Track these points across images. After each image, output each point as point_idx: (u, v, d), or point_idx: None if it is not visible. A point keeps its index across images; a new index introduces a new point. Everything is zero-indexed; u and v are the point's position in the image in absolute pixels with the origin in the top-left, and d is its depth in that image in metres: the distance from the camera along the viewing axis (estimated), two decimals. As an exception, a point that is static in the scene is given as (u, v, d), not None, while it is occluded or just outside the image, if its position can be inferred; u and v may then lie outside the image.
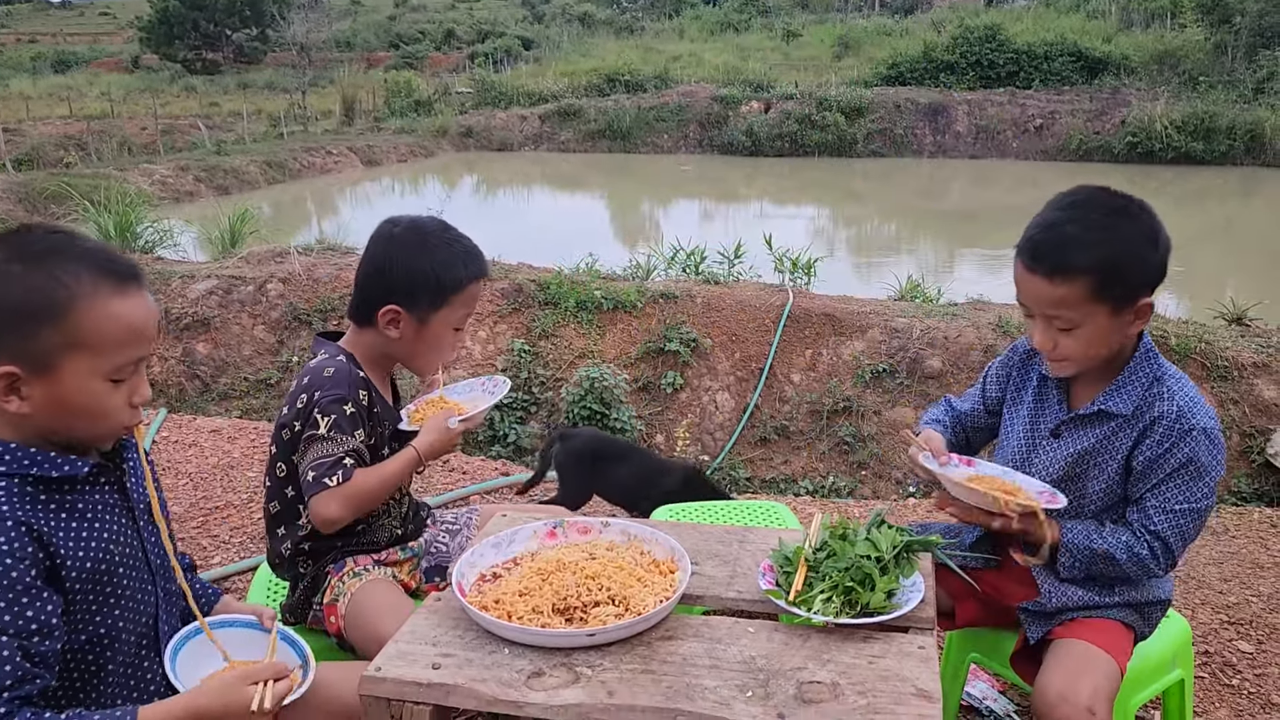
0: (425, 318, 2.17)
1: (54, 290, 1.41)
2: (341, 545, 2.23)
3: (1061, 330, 1.90)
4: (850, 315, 7.87)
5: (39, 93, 34.99)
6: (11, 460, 1.43)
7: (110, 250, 1.52)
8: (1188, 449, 1.90)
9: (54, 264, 1.42)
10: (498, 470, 4.62)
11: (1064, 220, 1.87)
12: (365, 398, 2.15)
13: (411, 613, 1.84)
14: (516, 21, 51.57)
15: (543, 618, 1.67)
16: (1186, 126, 22.84)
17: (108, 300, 1.45)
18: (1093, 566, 1.96)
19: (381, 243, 2.19)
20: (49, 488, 1.47)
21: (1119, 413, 1.96)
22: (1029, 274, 1.89)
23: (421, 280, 2.14)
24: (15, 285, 1.40)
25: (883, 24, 38.47)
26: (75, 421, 1.48)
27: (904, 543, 1.81)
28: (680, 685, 1.56)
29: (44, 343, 1.41)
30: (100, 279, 1.45)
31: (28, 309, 1.40)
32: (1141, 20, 32.29)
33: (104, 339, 1.45)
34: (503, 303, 8.29)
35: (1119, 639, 1.99)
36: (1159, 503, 1.93)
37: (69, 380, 1.44)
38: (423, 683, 1.57)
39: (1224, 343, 6.99)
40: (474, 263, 2.21)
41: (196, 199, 19.32)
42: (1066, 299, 1.85)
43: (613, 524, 2.00)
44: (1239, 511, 4.19)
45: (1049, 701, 1.84)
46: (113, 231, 11.00)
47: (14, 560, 1.36)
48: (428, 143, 27.71)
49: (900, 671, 1.59)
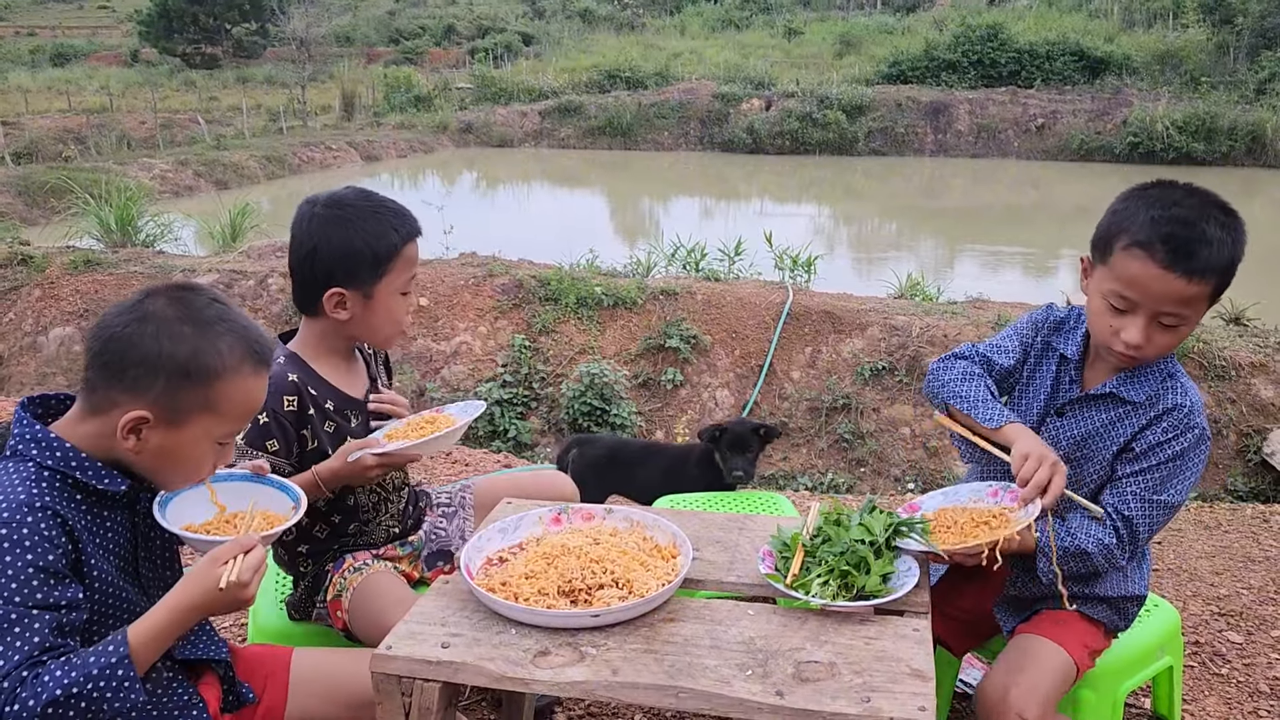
0: (369, 292, 2.12)
1: (212, 358, 1.57)
2: (338, 548, 2.26)
3: (1164, 326, 1.87)
4: (850, 313, 7.92)
5: (38, 86, 34.95)
6: (62, 459, 1.54)
7: (259, 330, 1.66)
8: (1185, 445, 1.94)
9: (218, 333, 1.59)
10: (499, 462, 4.67)
11: (1198, 219, 1.82)
12: (293, 403, 2.10)
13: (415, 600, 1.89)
14: (517, 17, 51.51)
15: (548, 599, 1.72)
16: (1188, 127, 22.86)
17: (247, 377, 1.62)
18: (1065, 565, 1.96)
19: (305, 224, 2.13)
20: (86, 495, 1.57)
21: (1132, 399, 1.98)
22: (1163, 272, 1.80)
23: (356, 256, 2.08)
24: (183, 345, 1.56)
25: (884, 22, 38.45)
26: (171, 470, 1.63)
27: (894, 525, 1.86)
28: (682, 664, 1.60)
29: (185, 400, 1.57)
30: (247, 356, 1.62)
31: (186, 368, 1.55)
32: (1143, 20, 32.32)
33: (233, 409, 1.62)
34: (503, 299, 8.33)
35: (1082, 634, 2.01)
36: (1139, 489, 1.95)
37: (188, 435, 1.60)
38: (432, 660, 1.62)
39: (1222, 342, 7.05)
40: (404, 224, 2.15)
41: (196, 194, 19.36)
42: (1193, 299, 1.83)
43: (616, 510, 2.05)
44: (1232, 508, 4.24)
45: (993, 699, 1.87)
46: (113, 225, 11.04)
47: (50, 546, 1.46)
48: (427, 138, 27.72)
49: (895, 653, 1.64)
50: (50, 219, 15.95)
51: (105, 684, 1.40)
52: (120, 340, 1.54)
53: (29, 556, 1.43)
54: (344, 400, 2.21)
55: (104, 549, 1.58)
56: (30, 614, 1.41)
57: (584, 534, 1.95)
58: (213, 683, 1.76)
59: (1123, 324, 1.89)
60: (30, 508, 1.46)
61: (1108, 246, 1.90)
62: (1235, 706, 2.59)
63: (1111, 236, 1.90)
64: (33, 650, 1.39)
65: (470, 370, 7.93)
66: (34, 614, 1.41)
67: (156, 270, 8.98)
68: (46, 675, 1.38)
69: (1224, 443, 6.69)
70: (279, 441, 2.07)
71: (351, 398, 2.23)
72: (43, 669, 1.38)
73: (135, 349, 1.53)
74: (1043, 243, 16.05)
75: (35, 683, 1.37)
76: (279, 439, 2.07)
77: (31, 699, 1.36)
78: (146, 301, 1.57)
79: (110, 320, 1.56)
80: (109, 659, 1.42)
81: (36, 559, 1.43)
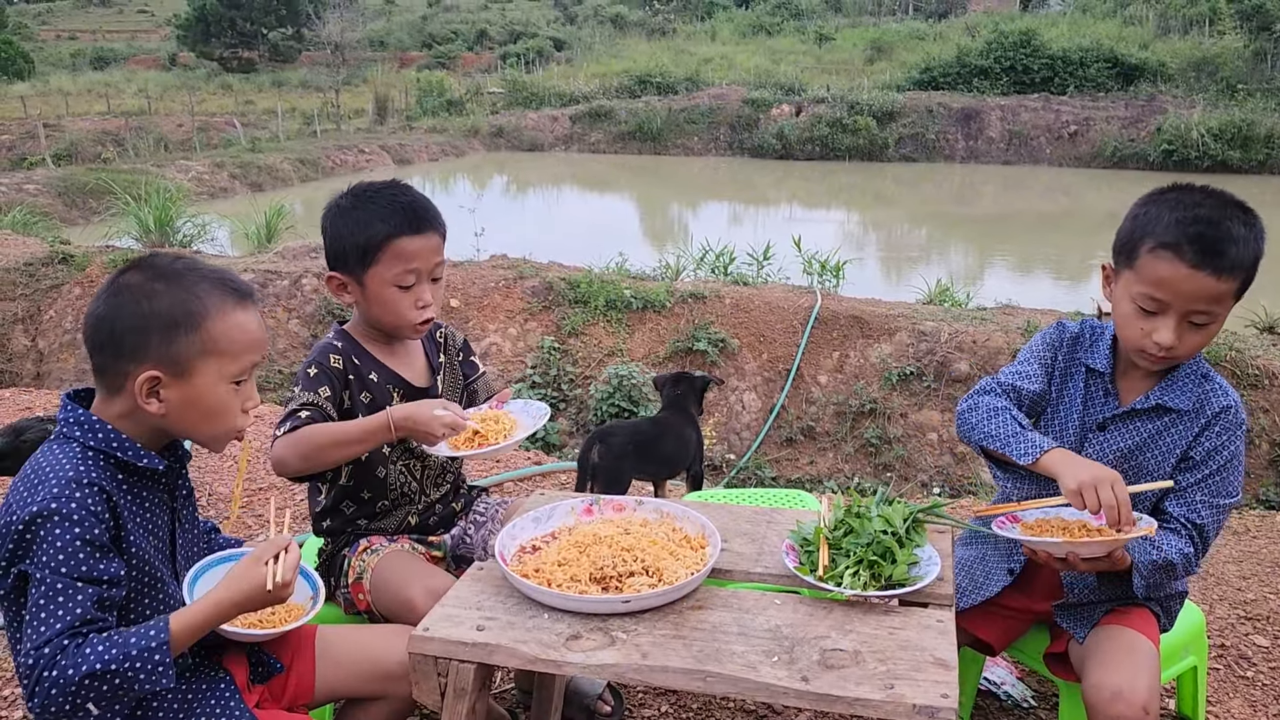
0: (361, 280, 2.16)
1: (191, 303, 1.64)
2: (351, 530, 2.31)
3: (1194, 326, 1.89)
4: (878, 318, 7.92)
5: (78, 89, 35.57)
6: (104, 439, 1.62)
7: (229, 271, 1.74)
8: (1238, 443, 1.98)
9: (189, 281, 1.66)
10: (529, 459, 4.73)
11: (1222, 217, 1.85)
12: (340, 361, 2.18)
13: (433, 576, 1.96)
14: (548, 22, 51.81)
15: (580, 585, 1.77)
16: (1224, 134, 22.65)
17: (233, 312, 1.68)
18: (1155, 577, 1.95)
19: (325, 214, 2.22)
20: (127, 473, 1.64)
21: (1178, 408, 1.99)
22: (1192, 270, 1.83)
23: (345, 243, 2.15)
24: (160, 300, 1.62)
25: (916, 28, 38.34)
26: (201, 421, 1.69)
27: (913, 513, 1.91)
28: (710, 650, 1.65)
29: (183, 349, 1.63)
30: (225, 294, 1.68)
31: (171, 319, 1.62)
32: (1179, 27, 32.01)
33: (232, 344, 1.67)
34: (532, 300, 8.41)
35: (1153, 628, 2.04)
36: (1205, 496, 1.97)
37: (201, 382, 1.65)
38: (468, 642, 1.68)
39: (1254, 351, 6.99)
40: (394, 218, 2.14)
41: (231, 195, 19.65)
42: (1222, 295, 1.85)
43: (646, 502, 2.10)
44: (1261, 515, 4.22)
45: (1104, 699, 1.85)
46: (152, 225, 11.25)
47: (95, 520, 1.53)
48: (459, 142, 27.96)
49: (919, 642, 1.67)
50: (89, 219, 16.26)
51: (142, 665, 1.47)
52: (105, 318, 1.62)
53: (77, 530, 1.50)
54: (389, 375, 2.26)
55: (143, 528, 1.65)
56: (75, 585, 1.48)
57: (615, 524, 2.00)
58: (239, 658, 1.82)
59: (1154, 325, 1.90)
60: (78, 483, 1.53)
61: (1133, 251, 1.92)
62: (1260, 709, 2.60)
63: (1136, 241, 1.92)
64: (74, 621, 1.46)
65: (500, 371, 8.00)
66: (78, 585, 1.48)
67: (193, 270, 9.14)
68: (88, 648, 1.45)
69: (1256, 452, 6.63)
70: (330, 389, 2.14)
71: (397, 374, 2.28)
72: (84, 640, 1.45)
73: (120, 319, 1.61)
74: (1074, 250, 15.96)
75: (76, 653, 1.44)
76: (329, 386, 2.14)
77: (71, 668, 1.43)
78: (117, 278, 1.65)
79: (93, 308, 1.64)
80: (149, 642, 1.48)
81: (84, 532, 1.50)
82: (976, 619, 2.19)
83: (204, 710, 1.68)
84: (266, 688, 1.84)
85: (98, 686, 1.44)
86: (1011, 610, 2.22)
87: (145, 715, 1.64)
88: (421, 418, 2.02)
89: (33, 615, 1.46)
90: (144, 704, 1.64)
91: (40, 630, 1.45)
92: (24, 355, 8.95)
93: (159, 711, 1.65)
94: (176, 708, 1.67)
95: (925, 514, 1.95)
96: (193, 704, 1.68)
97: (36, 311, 9.10)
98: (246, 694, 1.76)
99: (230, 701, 1.70)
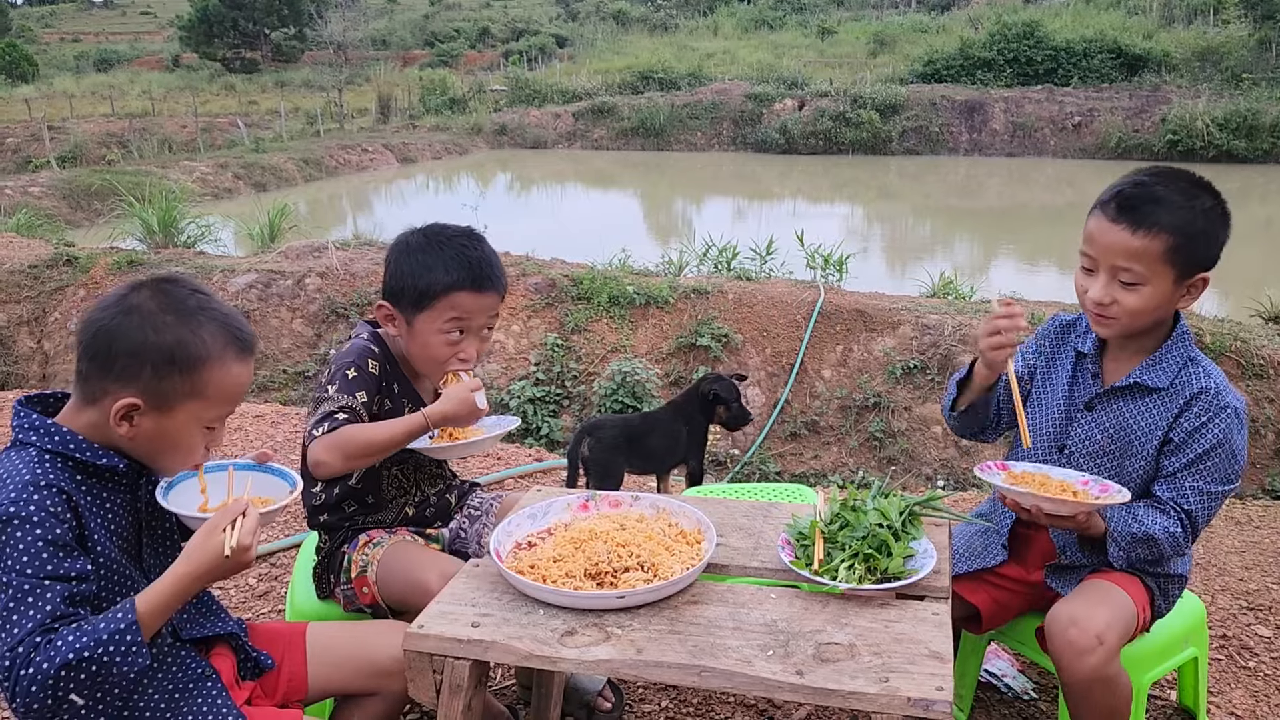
0: (410, 320, 2.18)
1: (195, 345, 1.64)
2: (349, 525, 2.31)
3: (1124, 285, 1.97)
4: (882, 312, 7.90)
5: (82, 91, 35.69)
6: (62, 442, 1.62)
7: (239, 319, 1.73)
8: (1222, 426, 1.98)
9: (198, 322, 1.66)
10: (531, 456, 4.74)
11: (1153, 182, 1.97)
12: (376, 368, 2.18)
13: (443, 560, 1.96)
14: (551, 19, 51.82)
15: (575, 581, 1.77)
16: (1229, 124, 22.57)
17: (231, 363, 1.68)
18: (1134, 550, 2.02)
19: (393, 246, 2.25)
20: (87, 474, 1.64)
21: (1155, 386, 2.04)
22: (1111, 225, 1.96)
23: (405, 282, 2.17)
24: (166, 334, 1.62)
25: (919, 21, 38.27)
26: (163, 453, 1.69)
27: (908, 506, 1.92)
28: (705, 644, 1.65)
29: (172, 386, 1.63)
30: (229, 343, 1.68)
31: (170, 356, 1.62)
32: (1183, 16, 31.89)
33: (220, 393, 1.68)
34: (536, 297, 8.41)
35: (1140, 593, 2.06)
36: (1195, 483, 2.00)
37: (178, 420, 1.66)
38: (463, 639, 1.68)
39: (1260, 341, 6.96)
40: (459, 270, 2.15)
41: (235, 195, 19.66)
42: (1143, 253, 1.93)
43: (643, 498, 2.09)
44: (1265, 505, 4.21)
45: (1060, 626, 1.93)
46: (156, 226, 11.27)
47: (57, 520, 1.54)
48: (462, 140, 27.98)
49: (915, 635, 1.67)
50: (94, 221, 16.30)
51: (115, 648, 1.47)
52: (107, 333, 1.61)
53: (38, 531, 1.50)
54: (408, 391, 2.28)
55: (105, 527, 1.65)
56: (43, 584, 1.48)
57: (611, 520, 2.00)
58: (225, 654, 1.82)
59: (1089, 283, 2.03)
60: (36, 486, 1.53)
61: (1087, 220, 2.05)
62: (1262, 699, 2.59)
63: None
64: (45, 618, 1.47)
65: (503, 369, 8.01)
66: (46, 584, 1.49)
67: (197, 270, 9.15)
68: (59, 640, 1.45)
69: (1262, 442, 6.61)
70: (367, 395, 2.14)
71: (415, 392, 2.29)
72: (55, 634, 1.46)
73: (122, 340, 1.60)
74: (1078, 242, 15.87)
75: (49, 647, 1.44)
76: (366, 392, 2.14)
77: (45, 662, 1.43)
78: (131, 295, 1.64)
79: (98, 314, 1.63)
80: (118, 625, 1.49)
81: (45, 533, 1.51)
82: (966, 584, 2.22)
83: (190, 708, 1.68)
84: (259, 684, 1.84)
85: (75, 676, 1.45)
86: (1005, 580, 2.24)
87: (131, 714, 1.64)
88: (461, 416, 2.10)
89: (4, 619, 1.47)
90: (130, 703, 1.64)
91: (13, 632, 1.45)
92: (29, 357, 8.97)
93: (145, 710, 1.65)
94: (164, 706, 1.67)
95: (921, 507, 1.96)
96: (179, 702, 1.68)
97: (41, 313, 9.12)
98: (234, 690, 1.76)
99: (217, 699, 1.70)
